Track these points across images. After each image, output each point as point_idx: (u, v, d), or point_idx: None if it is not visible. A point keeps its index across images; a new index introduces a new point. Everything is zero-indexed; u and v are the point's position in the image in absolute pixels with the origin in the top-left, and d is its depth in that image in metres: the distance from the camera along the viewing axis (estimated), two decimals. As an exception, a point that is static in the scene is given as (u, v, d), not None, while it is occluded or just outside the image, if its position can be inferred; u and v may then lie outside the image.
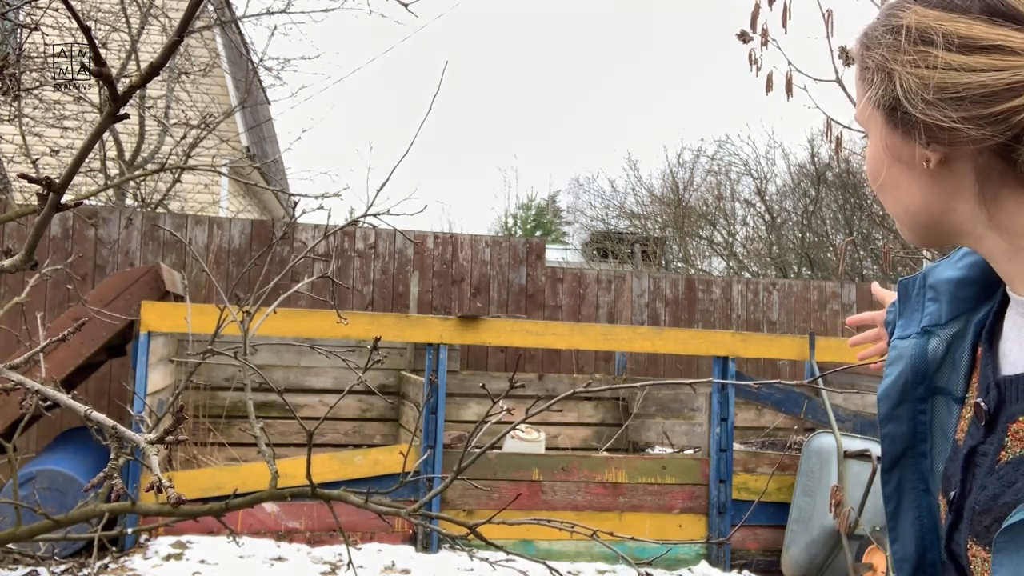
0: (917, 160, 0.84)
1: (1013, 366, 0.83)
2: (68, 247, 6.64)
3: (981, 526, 0.78)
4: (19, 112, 4.56)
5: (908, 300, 1.00)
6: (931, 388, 0.94)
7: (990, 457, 0.80)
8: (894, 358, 0.97)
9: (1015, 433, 0.78)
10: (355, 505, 1.55)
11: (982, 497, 0.79)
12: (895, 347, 0.97)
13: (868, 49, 0.86)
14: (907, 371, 0.95)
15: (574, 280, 7.80)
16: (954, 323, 0.94)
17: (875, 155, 0.89)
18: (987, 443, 0.81)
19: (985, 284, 0.93)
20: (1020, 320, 0.84)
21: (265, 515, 5.27)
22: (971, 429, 0.85)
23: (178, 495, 0.97)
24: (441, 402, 5.30)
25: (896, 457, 0.96)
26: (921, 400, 0.94)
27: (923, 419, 0.94)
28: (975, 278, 0.94)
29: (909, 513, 0.96)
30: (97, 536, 2.13)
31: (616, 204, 17.58)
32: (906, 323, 0.98)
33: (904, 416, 0.95)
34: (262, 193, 12.90)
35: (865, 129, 0.90)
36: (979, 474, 0.81)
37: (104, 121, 1.00)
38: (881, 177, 0.89)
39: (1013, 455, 0.77)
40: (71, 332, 1.69)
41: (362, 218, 2.25)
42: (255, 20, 8.43)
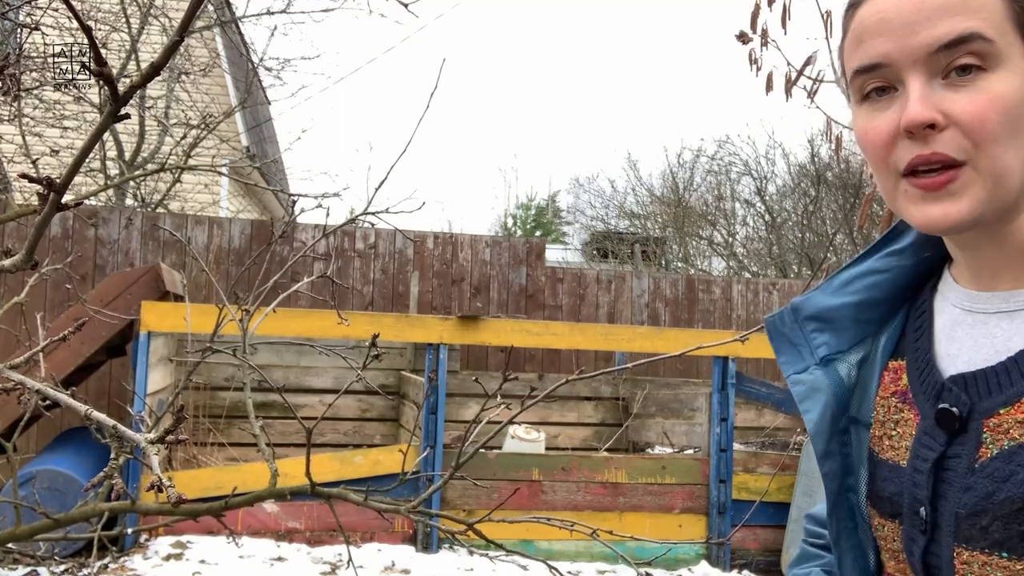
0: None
1: (968, 364, 0.81)
2: (68, 247, 6.64)
3: (975, 528, 0.75)
4: (19, 112, 4.56)
5: (782, 336, 0.95)
6: (850, 418, 0.91)
7: (964, 459, 0.78)
8: (807, 392, 0.92)
9: (995, 428, 0.76)
10: (355, 503, 1.55)
11: (968, 499, 0.76)
12: (800, 382, 0.92)
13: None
14: (831, 402, 0.91)
15: (574, 280, 7.80)
16: (859, 348, 0.91)
17: (1021, 89, 0.75)
18: (955, 447, 0.79)
19: (889, 305, 0.91)
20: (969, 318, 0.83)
21: (265, 515, 5.27)
22: (923, 440, 0.82)
23: (178, 494, 0.97)
24: (441, 402, 5.30)
25: (837, 497, 0.92)
26: (844, 432, 0.91)
27: (847, 451, 0.91)
28: (879, 299, 0.91)
29: (849, 555, 0.93)
30: (97, 536, 2.13)
31: (616, 204, 17.59)
32: (793, 358, 0.94)
33: (836, 451, 0.91)
34: (262, 193, 12.91)
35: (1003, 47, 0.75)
36: (954, 481, 0.78)
37: (104, 121, 1.00)
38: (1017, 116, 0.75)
39: (999, 449, 0.75)
40: (71, 332, 1.69)
41: (361, 217, 2.25)
42: (255, 20, 8.44)
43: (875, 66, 0.79)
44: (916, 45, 0.76)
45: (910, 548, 0.83)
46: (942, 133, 0.75)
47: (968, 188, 0.76)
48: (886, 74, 0.79)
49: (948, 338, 0.84)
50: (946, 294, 0.88)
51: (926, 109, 0.75)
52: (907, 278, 0.91)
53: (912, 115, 0.75)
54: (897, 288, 0.91)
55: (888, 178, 0.81)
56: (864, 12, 0.81)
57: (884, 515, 0.86)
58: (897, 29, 0.77)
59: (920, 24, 0.76)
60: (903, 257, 0.91)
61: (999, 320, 0.80)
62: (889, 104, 0.79)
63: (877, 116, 0.80)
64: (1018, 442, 0.74)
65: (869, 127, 0.81)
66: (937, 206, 0.77)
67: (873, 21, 0.79)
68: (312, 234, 7.10)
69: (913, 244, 0.91)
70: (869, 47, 0.79)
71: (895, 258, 0.92)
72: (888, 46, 0.78)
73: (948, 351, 0.84)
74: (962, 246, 0.83)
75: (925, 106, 0.75)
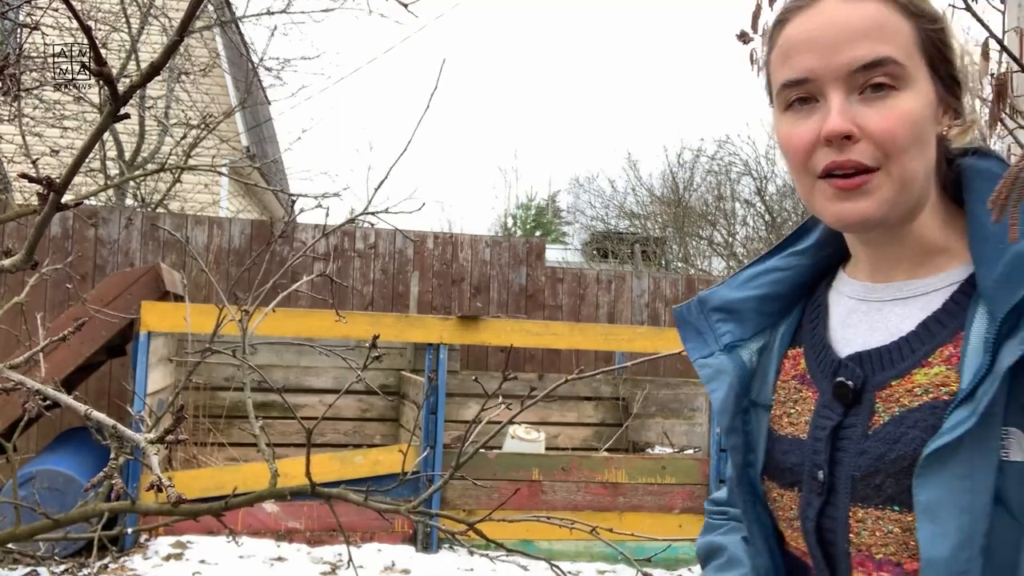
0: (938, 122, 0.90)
1: (863, 345, 0.92)
2: (68, 247, 6.64)
3: (869, 487, 0.85)
4: (19, 112, 4.56)
5: (688, 324, 1.05)
6: (750, 400, 1.01)
7: (859, 427, 0.88)
8: (713, 374, 1.01)
9: (886, 398, 0.87)
10: (355, 503, 1.55)
11: (862, 462, 0.86)
12: (707, 365, 1.02)
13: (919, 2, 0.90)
14: (735, 383, 1.00)
15: (574, 280, 7.80)
16: (759, 337, 1.02)
17: (924, 106, 0.88)
18: (851, 417, 0.89)
19: (788, 299, 1.02)
20: (864, 306, 0.94)
21: (265, 515, 5.27)
22: (822, 413, 0.92)
23: (178, 494, 0.97)
24: (441, 402, 5.30)
25: (741, 472, 1.00)
26: (745, 412, 1.00)
27: (749, 430, 1.00)
28: (780, 293, 1.02)
29: (755, 524, 1.00)
30: (97, 536, 2.12)
31: (616, 204, 17.58)
32: (699, 345, 1.04)
33: (739, 427, 1.00)
34: (262, 193, 12.91)
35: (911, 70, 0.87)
36: (849, 447, 0.88)
37: (104, 121, 1.00)
38: (921, 131, 0.87)
39: (890, 416, 0.86)
40: (71, 332, 1.69)
41: (361, 217, 2.25)
42: (255, 20, 8.44)
43: (801, 80, 0.88)
44: (838, 64, 0.86)
45: (806, 512, 0.91)
46: (857, 144, 0.86)
47: (878, 190, 0.86)
48: (810, 88, 0.88)
49: (843, 325, 0.96)
50: (840, 289, 0.99)
51: (844, 122, 0.85)
52: (805, 276, 1.03)
53: (832, 126, 0.85)
54: (796, 285, 1.02)
55: (806, 179, 0.90)
56: (791, 30, 0.91)
57: (783, 485, 0.95)
58: (822, 48, 0.87)
59: (842, 45, 0.86)
60: (803, 257, 1.03)
61: (893, 306, 0.92)
62: (811, 114, 0.89)
63: (800, 124, 0.89)
64: (907, 408, 0.84)
65: (792, 133, 0.90)
66: (850, 204, 0.87)
67: (800, 39, 0.89)
68: (312, 234, 7.10)
69: (813, 246, 1.03)
70: (796, 63, 0.89)
71: (796, 258, 1.03)
72: (813, 63, 0.87)
73: (844, 336, 0.95)
74: (866, 242, 0.94)
75: (844, 119, 0.85)
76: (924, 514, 0.79)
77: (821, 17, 0.88)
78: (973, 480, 0.77)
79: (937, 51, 0.90)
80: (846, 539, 0.88)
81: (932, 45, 0.89)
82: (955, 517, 0.77)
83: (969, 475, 0.78)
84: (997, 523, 0.77)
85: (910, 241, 0.91)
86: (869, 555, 0.86)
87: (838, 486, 0.88)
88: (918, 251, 0.92)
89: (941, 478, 0.78)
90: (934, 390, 0.84)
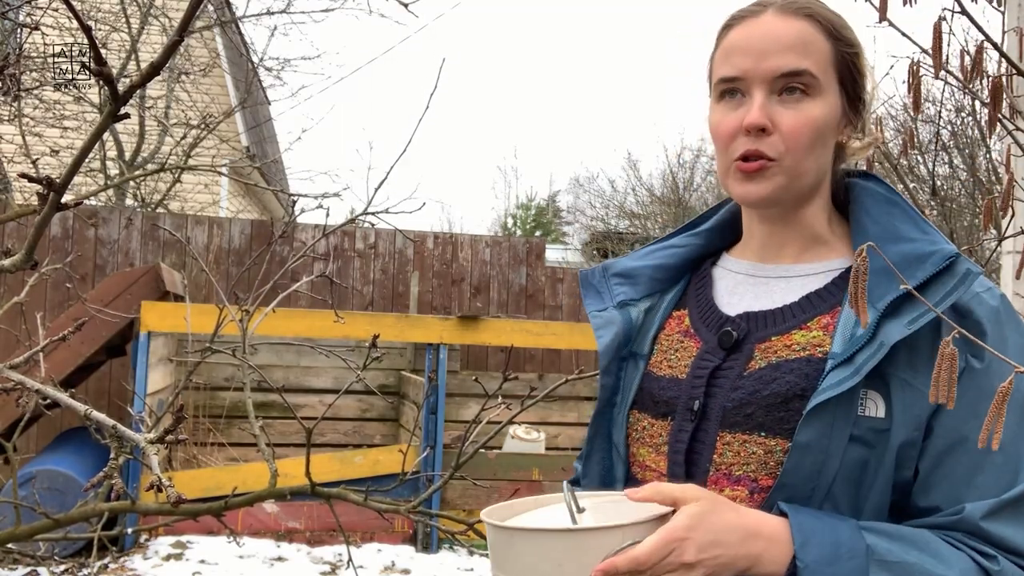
0: (840, 132, 1.09)
1: (749, 307, 1.10)
2: (68, 247, 6.64)
3: (740, 416, 1.02)
4: (19, 112, 4.56)
5: (591, 286, 1.23)
6: (631, 351, 1.18)
7: (736, 369, 1.06)
8: (603, 323, 1.19)
9: (765, 349, 1.05)
10: (355, 503, 1.55)
11: (736, 396, 1.03)
12: (599, 316, 1.19)
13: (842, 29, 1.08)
14: (620, 333, 1.17)
15: (574, 280, 7.80)
16: (648, 299, 1.20)
17: (829, 114, 1.06)
18: (729, 361, 1.07)
19: (678, 271, 1.21)
20: (751, 280, 1.13)
21: (265, 515, 5.27)
22: (704, 357, 1.09)
23: (178, 494, 0.97)
24: (441, 402, 5.30)
25: (603, 406, 1.18)
26: (623, 360, 1.18)
27: (621, 375, 1.17)
28: (672, 266, 1.21)
29: (597, 454, 1.18)
30: (97, 536, 2.13)
31: (616, 204, 17.59)
32: (596, 301, 1.21)
33: (613, 371, 1.17)
34: (262, 193, 12.91)
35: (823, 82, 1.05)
36: (724, 384, 1.05)
37: (104, 121, 1.00)
38: (820, 134, 1.05)
39: (767, 362, 1.04)
40: (71, 332, 1.69)
41: (361, 217, 2.25)
42: (255, 20, 8.44)
43: (734, 78, 1.07)
44: (765, 68, 1.04)
45: (678, 436, 1.07)
46: (769, 136, 1.04)
47: (774, 177, 1.05)
48: (740, 85, 1.06)
49: (729, 293, 1.14)
50: (726, 266, 1.19)
51: (762, 117, 1.03)
52: (695, 254, 1.22)
53: (752, 119, 1.03)
54: (686, 259, 1.22)
55: (724, 161, 1.09)
56: (734, 35, 1.09)
57: (656, 416, 1.12)
58: (755, 54, 1.05)
59: (771, 54, 1.04)
60: (697, 238, 1.23)
61: (777, 282, 1.11)
62: (738, 107, 1.07)
63: (728, 114, 1.07)
64: (783, 358, 1.03)
65: (721, 121, 1.08)
66: (752, 185, 1.06)
67: (740, 44, 1.07)
68: (312, 234, 7.10)
69: (707, 230, 1.24)
70: (733, 63, 1.07)
71: (691, 238, 1.23)
72: (747, 65, 1.05)
73: (730, 301, 1.13)
74: (764, 219, 1.12)
75: (762, 114, 1.03)
76: (796, 448, 0.96)
77: (760, 28, 1.06)
78: (834, 428, 0.96)
79: (849, 72, 1.08)
80: (709, 459, 1.04)
81: (845, 66, 1.07)
82: (814, 454, 0.96)
83: (831, 423, 0.96)
84: (849, 452, 0.95)
85: (799, 227, 1.10)
86: (728, 473, 1.03)
87: (710, 415, 1.05)
88: (805, 237, 1.10)
89: (816, 423, 0.96)
90: (811, 348, 1.02)
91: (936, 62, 1.89)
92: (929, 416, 0.96)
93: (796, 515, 0.93)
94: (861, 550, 0.89)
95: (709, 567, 0.89)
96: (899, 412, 0.95)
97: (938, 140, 7.31)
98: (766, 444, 1.00)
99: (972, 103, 6.63)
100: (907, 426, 0.95)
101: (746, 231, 1.18)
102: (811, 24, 1.06)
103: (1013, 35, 2.31)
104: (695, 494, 0.92)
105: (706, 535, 0.89)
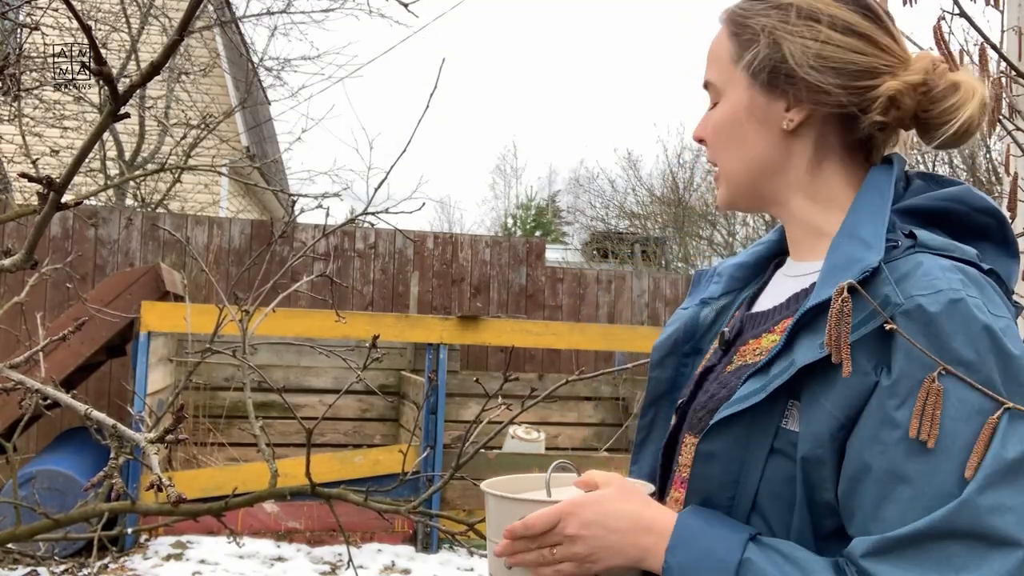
0: (774, 120, 1.02)
1: (760, 306, 1.09)
2: (68, 247, 6.64)
3: (696, 418, 1.03)
4: (19, 112, 4.56)
5: (699, 284, 1.23)
6: (695, 347, 1.17)
7: (717, 371, 1.05)
8: (673, 320, 1.20)
9: (741, 351, 1.04)
10: (355, 503, 1.55)
11: (703, 398, 1.04)
12: (677, 315, 1.21)
13: (747, 18, 1.03)
14: (680, 330, 1.18)
15: (574, 280, 7.80)
16: (725, 297, 1.18)
17: (731, 112, 1.04)
18: (720, 364, 1.06)
19: (756, 268, 1.19)
20: (781, 278, 1.09)
21: (265, 515, 5.27)
22: (712, 357, 1.10)
23: (178, 494, 0.97)
24: (441, 402, 5.30)
25: (656, 397, 1.19)
26: (686, 356, 1.17)
27: (684, 371, 1.17)
28: (751, 263, 1.19)
29: (652, 446, 1.18)
30: (97, 536, 2.13)
31: (616, 204, 17.58)
32: (689, 298, 1.22)
33: (670, 365, 1.18)
34: (262, 193, 12.91)
35: (720, 86, 1.05)
36: (706, 386, 1.06)
37: (104, 121, 1.00)
38: (729, 133, 1.05)
39: (736, 366, 1.02)
40: (71, 332, 1.69)
41: (361, 217, 2.25)
42: (255, 20, 8.44)
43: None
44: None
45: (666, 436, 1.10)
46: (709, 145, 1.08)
47: (720, 184, 1.08)
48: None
49: (765, 293, 1.12)
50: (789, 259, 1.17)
51: (698, 131, 1.08)
52: (773, 251, 1.19)
53: (693, 134, 1.09)
54: (764, 258, 1.19)
55: None
56: None
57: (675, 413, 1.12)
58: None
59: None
60: (777, 235, 1.19)
61: (786, 281, 1.08)
62: None
63: None
64: (745, 362, 1.01)
65: None
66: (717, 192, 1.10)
67: None
68: (312, 234, 7.10)
69: (780, 229, 1.19)
70: None
71: (774, 235, 1.20)
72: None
73: (760, 303, 1.11)
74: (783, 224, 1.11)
75: (698, 128, 1.08)
76: (699, 456, 0.96)
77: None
78: (750, 438, 0.93)
79: (761, 62, 1.01)
80: (676, 459, 1.07)
81: (753, 57, 1.02)
82: (724, 463, 0.94)
83: (746, 434, 0.93)
84: (771, 465, 0.92)
85: (795, 223, 1.06)
86: (680, 475, 1.04)
87: (687, 416, 1.06)
88: (809, 234, 1.05)
89: (726, 433, 0.94)
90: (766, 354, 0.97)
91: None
92: (836, 435, 0.88)
93: (686, 516, 0.92)
94: (731, 563, 0.86)
95: (591, 546, 0.91)
96: (803, 425, 0.89)
97: (938, 140, 7.29)
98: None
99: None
100: (808, 442, 0.89)
101: None
102: (723, 28, 1.07)
103: (1012, 35, 2.31)
104: (606, 480, 0.97)
105: (592, 514, 0.92)
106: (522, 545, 0.94)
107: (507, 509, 0.99)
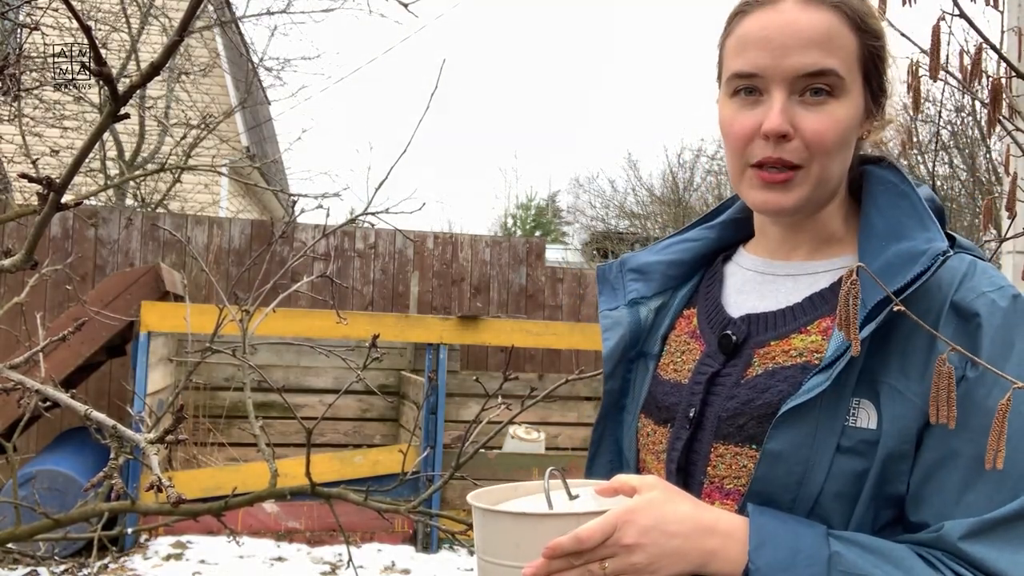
0: (861, 129, 1.00)
1: (752, 309, 1.05)
2: (68, 247, 6.64)
3: (732, 427, 0.97)
4: (19, 112, 4.56)
5: (607, 281, 1.18)
6: (640, 352, 1.14)
7: (734, 376, 1.00)
8: (610, 324, 1.14)
9: (764, 355, 0.99)
10: (355, 503, 1.55)
11: (730, 406, 0.98)
12: (609, 316, 1.15)
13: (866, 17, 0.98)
14: (626, 335, 1.13)
15: (574, 280, 7.80)
16: (659, 296, 1.15)
17: (854, 116, 0.98)
18: (728, 367, 1.02)
19: (691, 266, 1.16)
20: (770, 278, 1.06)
21: (265, 515, 5.27)
22: (705, 362, 1.04)
23: (178, 494, 0.97)
24: (441, 402, 5.30)
25: (608, 410, 1.15)
26: (631, 361, 1.14)
27: (629, 377, 1.14)
28: (685, 261, 1.15)
29: (605, 456, 1.15)
30: (97, 536, 2.13)
31: (616, 204, 17.59)
32: (609, 299, 1.16)
33: (619, 375, 1.14)
34: (262, 193, 12.91)
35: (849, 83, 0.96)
36: (721, 392, 1.00)
37: (104, 121, 1.00)
38: (845, 138, 0.98)
39: (764, 369, 0.98)
40: (71, 332, 1.69)
41: (361, 217, 2.25)
42: (255, 20, 8.45)
43: (750, 75, 0.97)
44: (786, 67, 0.95)
45: (674, 445, 1.03)
46: (790, 142, 0.95)
47: (799, 187, 0.97)
48: (757, 82, 0.97)
49: (737, 292, 1.08)
50: (739, 261, 1.12)
51: (783, 123, 0.94)
52: (709, 248, 1.16)
53: (771, 125, 0.94)
54: (700, 255, 1.16)
55: (739, 164, 1.01)
56: (749, 24, 0.98)
57: (657, 422, 1.07)
58: (774, 49, 0.95)
59: (793, 50, 0.94)
60: (711, 232, 1.17)
61: (784, 281, 1.04)
62: (755, 106, 0.98)
63: (743, 113, 0.98)
64: (781, 364, 0.97)
65: (735, 120, 0.99)
66: (773, 195, 0.98)
67: (756, 36, 0.97)
68: (312, 234, 7.10)
69: (720, 224, 1.17)
70: (748, 57, 0.97)
71: (705, 231, 1.17)
72: (765, 61, 0.95)
73: (736, 300, 1.07)
74: (776, 223, 1.05)
75: (783, 120, 0.94)
76: (766, 456, 0.91)
77: (779, 18, 0.96)
78: (816, 437, 0.90)
79: (874, 65, 0.99)
80: (704, 471, 1.00)
81: (871, 59, 0.98)
82: (789, 463, 0.91)
83: (813, 432, 0.90)
84: (837, 464, 0.90)
85: (814, 229, 1.04)
86: (720, 486, 0.98)
87: (706, 424, 1.00)
88: (819, 238, 1.04)
89: (791, 431, 0.91)
90: (807, 354, 0.96)
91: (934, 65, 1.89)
92: (921, 428, 0.89)
93: (758, 516, 0.89)
94: (822, 558, 0.84)
95: (651, 554, 0.85)
96: (887, 422, 0.89)
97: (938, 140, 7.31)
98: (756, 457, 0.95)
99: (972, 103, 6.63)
100: (895, 437, 0.89)
101: (758, 229, 1.11)
102: (836, 15, 0.96)
103: (1012, 35, 2.31)
104: (652, 483, 0.91)
105: (649, 519, 0.86)
106: (563, 564, 0.85)
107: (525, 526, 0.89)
